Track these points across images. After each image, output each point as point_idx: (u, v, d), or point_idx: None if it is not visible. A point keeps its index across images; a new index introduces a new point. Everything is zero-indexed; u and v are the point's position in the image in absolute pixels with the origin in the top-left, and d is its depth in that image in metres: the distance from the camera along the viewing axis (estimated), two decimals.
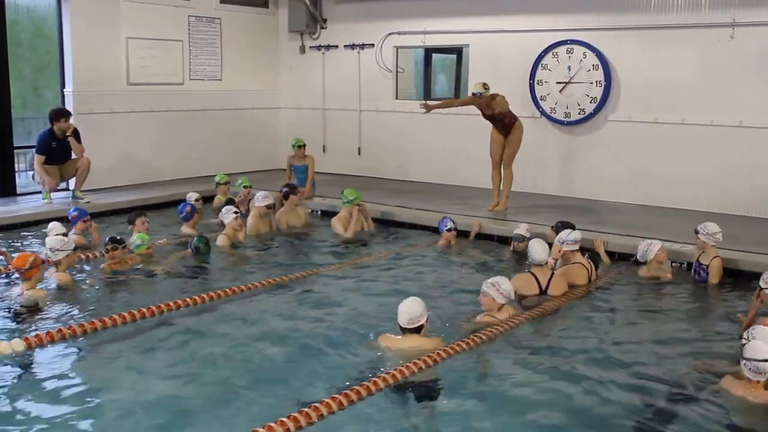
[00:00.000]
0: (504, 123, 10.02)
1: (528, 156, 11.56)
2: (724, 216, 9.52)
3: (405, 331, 5.31)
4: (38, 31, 12.05)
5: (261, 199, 9.28)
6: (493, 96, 9.83)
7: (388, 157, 13.22)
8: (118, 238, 7.50)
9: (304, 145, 11.08)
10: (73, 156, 10.64)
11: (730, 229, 8.21)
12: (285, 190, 9.76)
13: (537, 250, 6.89)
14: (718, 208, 10.03)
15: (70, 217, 8.55)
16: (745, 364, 4.65)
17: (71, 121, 10.57)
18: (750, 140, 9.87)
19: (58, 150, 10.48)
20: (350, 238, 9.15)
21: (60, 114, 10.45)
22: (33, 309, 6.22)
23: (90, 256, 7.95)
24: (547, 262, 6.96)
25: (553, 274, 6.94)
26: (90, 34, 11.51)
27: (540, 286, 6.83)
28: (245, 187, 10.45)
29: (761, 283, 6.06)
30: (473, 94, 9.93)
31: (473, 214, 9.84)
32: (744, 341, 4.82)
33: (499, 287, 5.97)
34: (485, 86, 9.83)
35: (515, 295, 6.29)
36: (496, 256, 8.51)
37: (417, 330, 5.31)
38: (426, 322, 5.35)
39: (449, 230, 8.73)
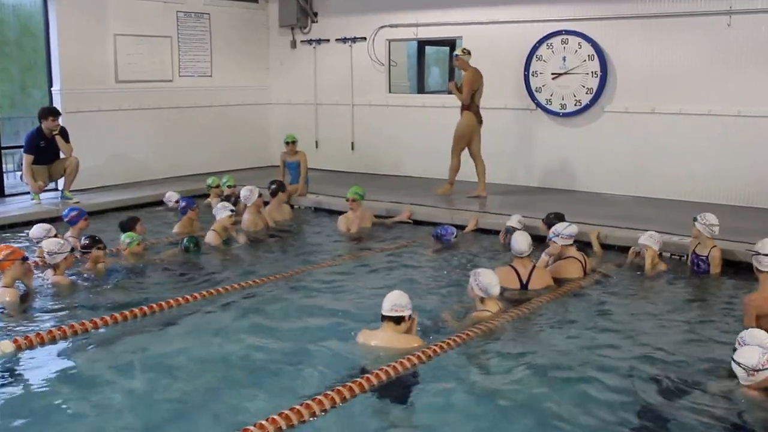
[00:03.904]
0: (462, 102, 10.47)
1: (524, 148, 11.50)
2: (723, 207, 9.40)
3: (384, 319, 5.20)
4: (25, 30, 11.90)
5: (251, 194, 9.16)
6: (470, 67, 10.39)
7: (381, 152, 13.08)
8: (96, 237, 7.35)
9: (294, 142, 10.91)
10: (62, 155, 10.49)
11: (730, 220, 8.10)
12: (273, 187, 9.65)
13: (519, 241, 6.78)
14: (716, 198, 9.91)
15: (68, 218, 8.20)
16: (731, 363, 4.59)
17: (60, 120, 10.39)
18: (749, 129, 9.74)
19: (46, 149, 10.34)
20: (353, 235, 9.05)
21: (48, 112, 10.30)
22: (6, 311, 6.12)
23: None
24: (540, 259, 6.85)
25: (534, 267, 6.81)
26: (77, 31, 11.35)
27: (521, 280, 6.72)
28: (229, 186, 10.34)
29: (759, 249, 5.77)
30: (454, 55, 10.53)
31: (469, 208, 9.72)
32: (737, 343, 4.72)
33: (476, 278, 5.85)
34: (464, 50, 10.47)
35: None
36: (493, 250, 8.38)
37: (396, 320, 5.18)
38: (409, 319, 5.23)
39: (456, 237, 8.52)
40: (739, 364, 4.46)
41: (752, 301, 5.69)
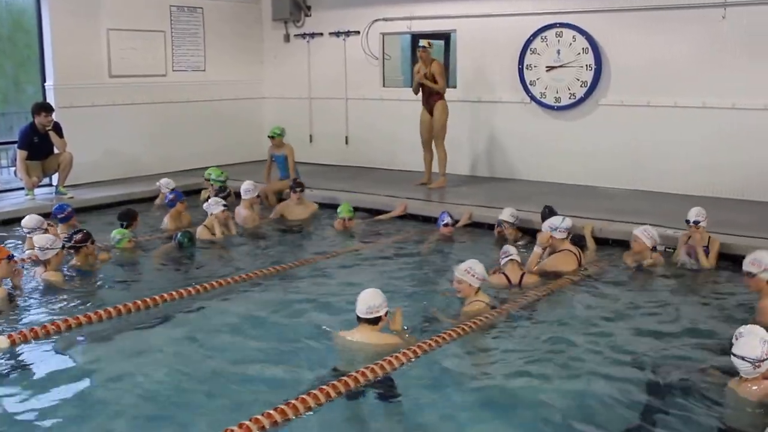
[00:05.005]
0: (431, 93, 10.70)
1: (518, 142, 11.48)
2: (718, 199, 9.42)
3: (360, 320, 5.19)
4: (17, 25, 11.85)
5: (251, 190, 9.22)
6: (433, 59, 10.64)
7: (376, 146, 13.04)
8: (85, 231, 7.33)
9: (274, 136, 10.75)
10: (56, 151, 10.45)
11: (725, 213, 8.11)
12: (291, 183, 9.84)
13: (508, 246, 7.02)
14: (711, 191, 9.90)
15: (62, 215, 8.23)
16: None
17: (53, 116, 10.34)
18: (743, 122, 9.72)
19: (40, 145, 10.30)
20: (347, 231, 9.06)
21: (41, 108, 10.26)
22: None
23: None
24: (534, 252, 6.98)
25: (524, 274, 6.78)
26: (70, 26, 11.30)
27: (510, 282, 6.72)
28: (215, 181, 10.28)
29: (752, 269, 5.84)
30: (419, 47, 10.69)
31: (462, 202, 9.71)
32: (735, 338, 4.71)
33: (473, 272, 5.90)
34: (430, 43, 10.65)
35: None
36: (487, 243, 8.37)
37: (373, 321, 5.16)
38: (386, 316, 5.21)
39: (446, 225, 8.57)
40: (742, 358, 4.31)
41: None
